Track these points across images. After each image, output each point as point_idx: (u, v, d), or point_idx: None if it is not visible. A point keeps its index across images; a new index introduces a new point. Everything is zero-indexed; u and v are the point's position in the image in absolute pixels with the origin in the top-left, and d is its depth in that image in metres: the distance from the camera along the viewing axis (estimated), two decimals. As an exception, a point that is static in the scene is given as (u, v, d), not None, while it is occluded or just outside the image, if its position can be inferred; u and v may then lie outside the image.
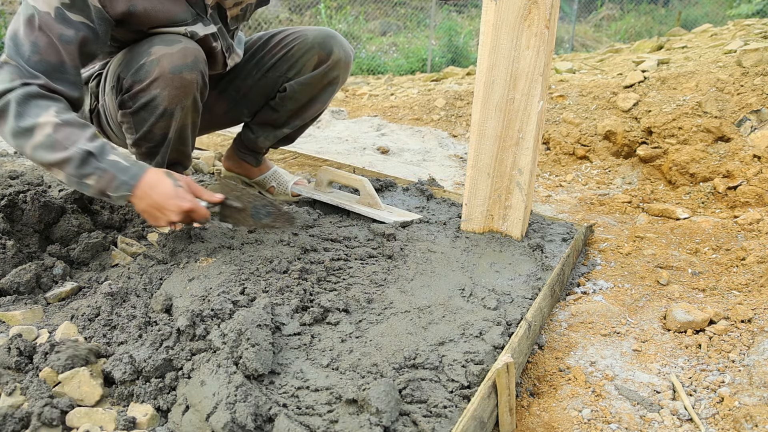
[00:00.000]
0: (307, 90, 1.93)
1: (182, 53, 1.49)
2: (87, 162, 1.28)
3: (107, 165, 1.29)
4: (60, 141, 1.27)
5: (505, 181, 1.68)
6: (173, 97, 1.52)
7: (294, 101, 1.95)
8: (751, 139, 2.45)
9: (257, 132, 2.05)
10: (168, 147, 1.67)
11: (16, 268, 1.39)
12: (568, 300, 1.58)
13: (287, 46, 1.91)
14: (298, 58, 1.90)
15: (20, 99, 1.27)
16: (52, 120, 1.27)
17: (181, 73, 1.49)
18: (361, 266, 1.52)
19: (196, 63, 1.53)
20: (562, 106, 3.23)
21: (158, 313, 1.26)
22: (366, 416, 0.95)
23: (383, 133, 3.46)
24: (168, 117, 1.56)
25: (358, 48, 8.85)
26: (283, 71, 1.92)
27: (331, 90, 1.99)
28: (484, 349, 1.15)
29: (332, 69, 1.91)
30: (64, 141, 1.27)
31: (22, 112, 1.27)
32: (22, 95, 1.28)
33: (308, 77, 1.90)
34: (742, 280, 1.62)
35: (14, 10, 8.00)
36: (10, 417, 0.94)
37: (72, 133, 1.28)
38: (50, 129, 1.27)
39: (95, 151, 1.29)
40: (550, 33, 1.49)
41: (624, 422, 1.10)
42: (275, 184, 2.14)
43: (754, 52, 2.90)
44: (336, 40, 1.91)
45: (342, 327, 1.24)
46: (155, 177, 1.34)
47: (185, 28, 1.55)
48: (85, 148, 1.28)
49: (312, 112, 2.02)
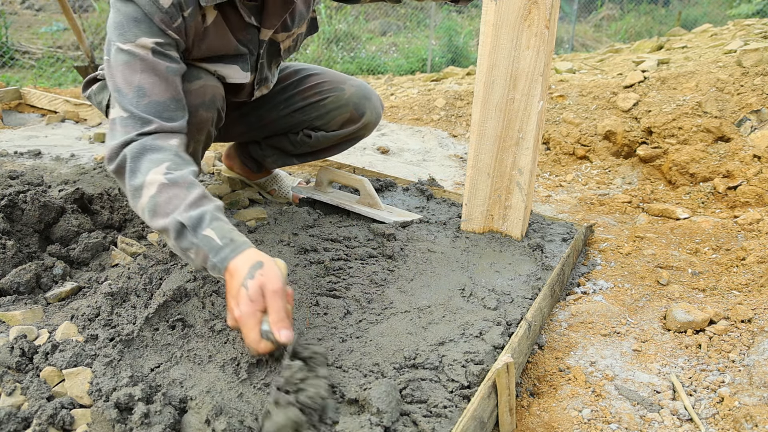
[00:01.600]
0: (330, 141, 1.92)
1: (201, 91, 1.47)
2: (182, 235, 1.12)
3: (200, 241, 1.10)
4: (161, 205, 1.14)
5: (505, 181, 1.68)
6: (188, 132, 1.46)
7: (314, 147, 1.95)
8: (751, 139, 2.45)
9: (267, 152, 2.02)
10: None
11: (16, 268, 1.39)
12: (568, 300, 1.58)
13: (322, 94, 1.86)
14: (329, 111, 1.86)
15: (134, 153, 1.19)
16: (158, 179, 1.15)
17: (198, 111, 1.48)
18: (361, 266, 1.53)
19: (214, 101, 1.51)
20: (562, 106, 3.23)
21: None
22: (367, 416, 0.95)
23: (383, 133, 3.46)
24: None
25: (357, 48, 8.85)
26: (311, 118, 1.88)
27: (352, 143, 1.98)
28: (484, 349, 1.15)
29: (360, 129, 1.90)
30: (165, 206, 1.13)
31: (134, 168, 1.18)
32: (137, 149, 1.20)
33: (335, 134, 1.89)
34: (742, 280, 1.62)
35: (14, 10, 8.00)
36: (13, 417, 0.94)
37: (175, 197, 1.14)
38: (155, 190, 1.14)
39: (189, 224, 1.11)
40: (550, 33, 1.49)
41: (624, 422, 1.10)
42: (276, 187, 2.15)
43: (754, 52, 2.90)
44: (371, 102, 1.87)
45: (342, 327, 1.24)
46: (239, 264, 1.07)
47: (216, 68, 1.51)
48: (179, 219, 1.11)
49: (326, 155, 2.03)
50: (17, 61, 5.96)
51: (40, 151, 2.53)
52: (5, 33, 5.95)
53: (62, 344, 1.11)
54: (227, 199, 2.01)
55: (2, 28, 5.91)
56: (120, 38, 1.28)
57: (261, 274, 1.03)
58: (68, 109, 3.25)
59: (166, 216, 1.12)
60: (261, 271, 1.03)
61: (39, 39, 6.99)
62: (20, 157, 2.46)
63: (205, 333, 1.17)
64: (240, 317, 1.02)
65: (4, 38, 5.88)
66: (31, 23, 7.75)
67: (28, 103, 3.44)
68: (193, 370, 1.08)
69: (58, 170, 2.25)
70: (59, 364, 1.06)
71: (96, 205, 1.74)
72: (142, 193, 1.16)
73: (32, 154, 2.49)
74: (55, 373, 1.05)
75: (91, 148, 2.69)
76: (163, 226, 1.13)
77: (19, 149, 2.55)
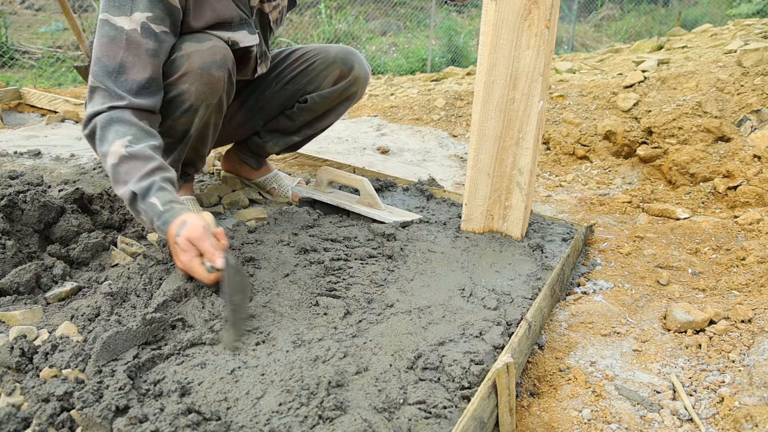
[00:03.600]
0: (326, 103, 1.98)
1: (212, 51, 1.51)
2: (134, 202, 1.31)
3: (147, 207, 1.29)
4: (121, 174, 1.31)
5: (505, 181, 1.68)
6: (200, 93, 1.53)
7: (311, 112, 2.00)
8: (751, 139, 2.45)
9: (266, 137, 2.07)
10: (186, 145, 1.68)
11: (16, 268, 1.39)
12: (568, 300, 1.58)
13: (308, 60, 1.95)
14: (319, 72, 1.94)
15: (103, 123, 1.35)
16: (119, 151, 1.31)
17: (210, 70, 1.52)
18: (361, 266, 1.52)
19: (225, 61, 1.55)
20: (562, 106, 3.23)
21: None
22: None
23: (383, 133, 3.46)
24: (192, 113, 1.58)
25: (357, 48, 8.85)
26: (302, 84, 1.96)
27: (347, 104, 2.04)
28: (484, 349, 1.15)
29: (352, 84, 1.96)
30: (124, 176, 1.31)
31: (102, 136, 1.35)
32: (106, 119, 1.35)
33: (329, 91, 1.95)
34: (742, 280, 1.62)
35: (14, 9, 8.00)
36: (13, 417, 0.94)
37: (132, 168, 1.30)
38: (115, 159, 1.31)
39: (139, 193, 1.29)
40: (550, 33, 1.49)
41: (624, 422, 1.10)
42: (276, 186, 2.15)
43: (754, 52, 2.90)
44: (357, 57, 1.96)
45: (342, 327, 1.24)
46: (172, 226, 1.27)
47: (229, 36, 1.59)
48: (132, 189, 1.30)
49: (325, 123, 2.07)
50: (17, 61, 5.95)
51: (40, 151, 2.53)
52: (5, 33, 5.94)
53: (62, 344, 1.11)
54: (227, 199, 2.00)
55: (2, 28, 5.90)
56: (113, 10, 1.38)
57: (186, 229, 1.23)
58: (68, 109, 3.25)
59: (124, 184, 1.31)
60: (186, 228, 1.24)
61: (39, 39, 6.99)
62: (20, 157, 2.45)
63: (204, 332, 1.17)
64: (184, 266, 1.26)
65: (4, 38, 5.88)
66: (31, 23, 7.75)
67: (28, 103, 3.44)
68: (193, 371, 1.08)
69: (58, 170, 2.25)
70: (59, 364, 1.06)
71: (96, 205, 1.74)
72: (107, 160, 1.33)
73: (32, 154, 2.49)
74: (55, 374, 1.05)
75: (91, 147, 2.69)
76: (121, 193, 1.33)
77: (19, 149, 2.55)
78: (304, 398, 0.98)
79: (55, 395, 0.96)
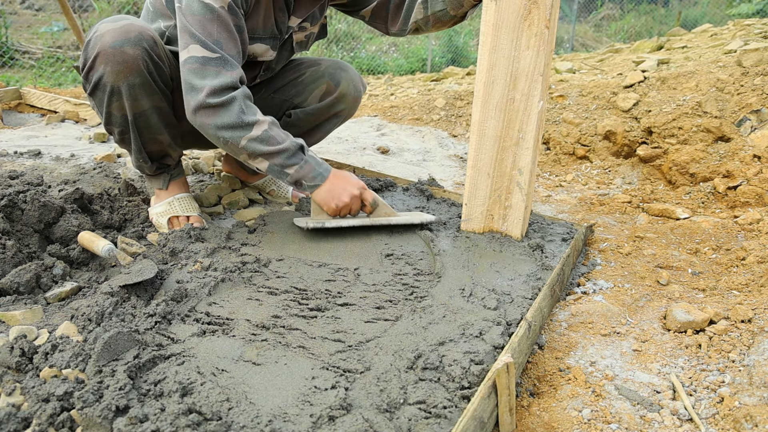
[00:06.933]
0: (311, 119, 1.95)
1: (125, 29, 1.46)
2: (297, 154, 1.53)
3: (309, 159, 1.55)
4: (274, 137, 1.49)
5: (505, 181, 1.68)
6: (117, 72, 1.47)
7: (297, 128, 1.95)
8: (751, 139, 2.45)
9: None
10: (136, 133, 1.61)
11: (16, 268, 1.39)
12: (568, 300, 1.58)
13: (299, 70, 1.92)
14: (307, 85, 1.91)
15: (243, 96, 1.47)
16: (268, 119, 1.50)
17: (122, 47, 1.45)
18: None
19: (140, 39, 1.48)
20: (562, 106, 3.23)
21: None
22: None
23: (383, 133, 3.46)
24: (118, 96, 1.52)
25: (357, 48, 8.85)
26: (290, 96, 1.93)
27: (335, 122, 1.99)
28: (484, 349, 1.15)
29: (338, 102, 1.92)
30: (277, 137, 1.50)
31: (246, 109, 1.47)
32: (245, 93, 1.49)
33: (313, 108, 1.92)
34: (742, 280, 1.62)
35: (14, 9, 8.00)
36: (13, 417, 0.94)
37: (280, 132, 1.52)
38: (267, 126, 1.49)
39: (305, 145, 1.56)
40: (550, 33, 1.49)
41: (624, 422, 1.10)
42: (275, 188, 2.15)
43: (754, 52, 2.90)
44: (347, 74, 1.91)
45: (341, 327, 1.24)
46: (340, 173, 1.62)
47: (251, 47, 1.65)
48: (299, 142, 1.54)
49: (314, 140, 2.03)
50: (17, 61, 5.95)
51: (40, 151, 2.53)
52: (5, 33, 5.94)
53: (62, 344, 1.11)
54: (227, 199, 2.00)
55: (2, 27, 5.90)
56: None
57: (360, 186, 1.64)
58: (68, 109, 3.25)
59: (283, 142, 1.50)
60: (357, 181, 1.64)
61: (39, 39, 6.99)
62: (20, 157, 2.45)
63: (205, 331, 1.17)
64: (349, 198, 1.61)
65: (4, 38, 5.88)
66: (31, 23, 7.75)
67: (28, 103, 3.44)
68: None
69: (58, 170, 2.25)
70: (59, 364, 1.06)
71: (96, 205, 1.74)
72: (254, 128, 1.47)
73: (32, 154, 2.49)
74: (56, 374, 1.05)
75: (91, 147, 2.69)
76: (276, 149, 1.49)
77: (19, 149, 2.55)
78: (308, 398, 0.98)
79: (55, 395, 0.96)
